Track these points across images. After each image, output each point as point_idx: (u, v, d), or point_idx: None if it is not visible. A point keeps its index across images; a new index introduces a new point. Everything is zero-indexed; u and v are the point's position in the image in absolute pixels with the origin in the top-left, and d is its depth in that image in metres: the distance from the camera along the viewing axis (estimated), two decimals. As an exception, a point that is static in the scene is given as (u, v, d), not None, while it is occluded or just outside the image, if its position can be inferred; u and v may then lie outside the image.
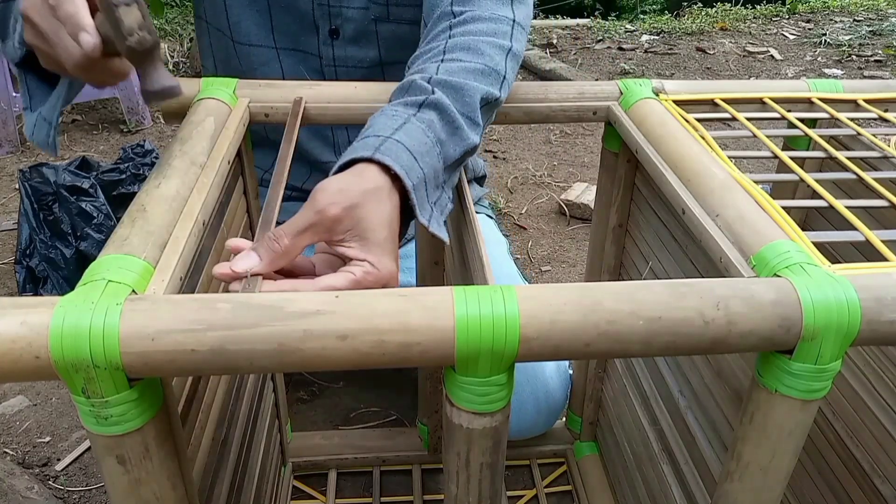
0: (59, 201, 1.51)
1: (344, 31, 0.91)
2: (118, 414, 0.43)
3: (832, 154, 0.68)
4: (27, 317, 0.40)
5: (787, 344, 0.46)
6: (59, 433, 1.21)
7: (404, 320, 0.42)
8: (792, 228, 0.53)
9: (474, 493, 0.54)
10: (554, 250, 1.79)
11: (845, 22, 3.93)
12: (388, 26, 0.91)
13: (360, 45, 0.92)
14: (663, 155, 0.66)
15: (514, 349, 0.44)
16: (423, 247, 0.90)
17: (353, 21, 0.90)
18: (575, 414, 1.09)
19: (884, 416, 0.70)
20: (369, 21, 0.90)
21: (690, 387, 0.74)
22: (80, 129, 2.48)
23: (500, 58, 0.69)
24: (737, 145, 2.09)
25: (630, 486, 0.94)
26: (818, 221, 0.87)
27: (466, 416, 0.48)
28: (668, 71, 3.24)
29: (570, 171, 2.21)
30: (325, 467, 1.09)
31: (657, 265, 0.80)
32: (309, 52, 0.93)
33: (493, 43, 0.70)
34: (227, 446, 0.70)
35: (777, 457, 0.52)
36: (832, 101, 0.78)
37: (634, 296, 0.45)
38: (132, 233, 0.49)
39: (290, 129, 0.69)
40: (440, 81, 0.64)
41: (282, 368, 0.43)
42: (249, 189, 0.80)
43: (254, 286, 0.49)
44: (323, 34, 0.92)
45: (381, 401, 1.29)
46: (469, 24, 0.71)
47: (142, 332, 0.40)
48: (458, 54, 0.68)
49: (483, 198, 1.11)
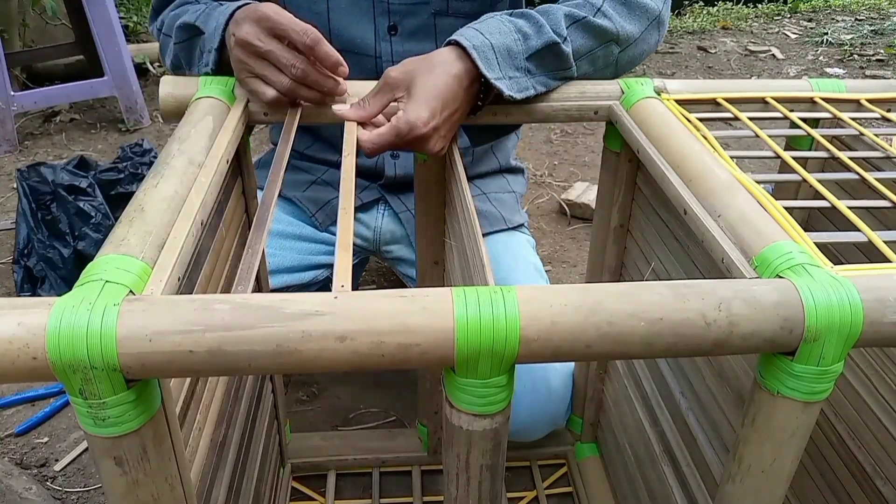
0: (57, 201, 1.50)
1: (403, 26, 0.92)
2: (116, 415, 0.42)
3: (835, 154, 0.68)
4: (24, 317, 0.40)
5: (789, 345, 0.46)
6: (57, 434, 1.20)
7: (403, 321, 0.42)
8: (794, 229, 0.53)
9: (474, 495, 0.53)
10: (554, 250, 1.78)
11: (847, 21, 3.93)
12: (447, 20, 0.92)
13: (417, 39, 0.93)
14: (665, 155, 0.65)
15: (514, 350, 0.43)
16: (424, 247, 0.90)
17: (414, 16, 0.92)
18: (576, 415, 1.08)
19: (886, 418, 0.70)
20: (429, 16, 0.92)
21: (692, 388, 0.74)
22: (79, 129, 2.48)
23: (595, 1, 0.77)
24: (739, 145, 2.08)
25: (631, 488, 0.93)
26: (820, 222, 0.87)
27: (466, 417, 0.48)
28: (669, 70, 3.23)
29: (571, 171, 2.21)
30: (324, 468, 1.08)
31: (658, 266, 0.80)
32: (364, 54, 0.94)
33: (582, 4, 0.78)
34: (225, 447, 0.69)
35: (779, 459, 0.51)
36: (835, 101, 0.78)
37: (636, 297, 0.44)
38: (130, 233, 0.48)
39: (288, 128, 0.69)
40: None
41: (280, 370, 0.42)
42: (248, 189, 0.80)
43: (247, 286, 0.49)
44: (381, 31, 0.93)
45: (380, 402, 1.29)
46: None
47: (139, 333, 0.40)
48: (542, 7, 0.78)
49: (525, 225, 1.13)
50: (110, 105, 2.60)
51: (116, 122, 2.48)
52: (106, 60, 2.32)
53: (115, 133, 2.44)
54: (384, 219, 1.07)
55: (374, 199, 1.06)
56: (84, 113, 2.60)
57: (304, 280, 1.03)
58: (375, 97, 0.70)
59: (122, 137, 2.40)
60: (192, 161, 0.59)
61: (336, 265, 0.48)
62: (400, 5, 0.91)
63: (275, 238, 1.01)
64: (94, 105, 2.64)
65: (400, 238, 1.08)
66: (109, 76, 2.34)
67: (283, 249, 1.01)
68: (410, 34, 0.93)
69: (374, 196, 1.06)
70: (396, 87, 0.69)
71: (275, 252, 1.00)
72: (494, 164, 1.12)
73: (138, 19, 3.25)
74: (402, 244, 1.09)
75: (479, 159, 1.10)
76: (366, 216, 1.07)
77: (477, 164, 1.10)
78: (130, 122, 2.44)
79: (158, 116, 2.50)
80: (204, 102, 0.69)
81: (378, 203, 1.07)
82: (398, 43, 0.93)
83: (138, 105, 2.44)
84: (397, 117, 0.67)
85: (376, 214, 1.07)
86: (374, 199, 1.06)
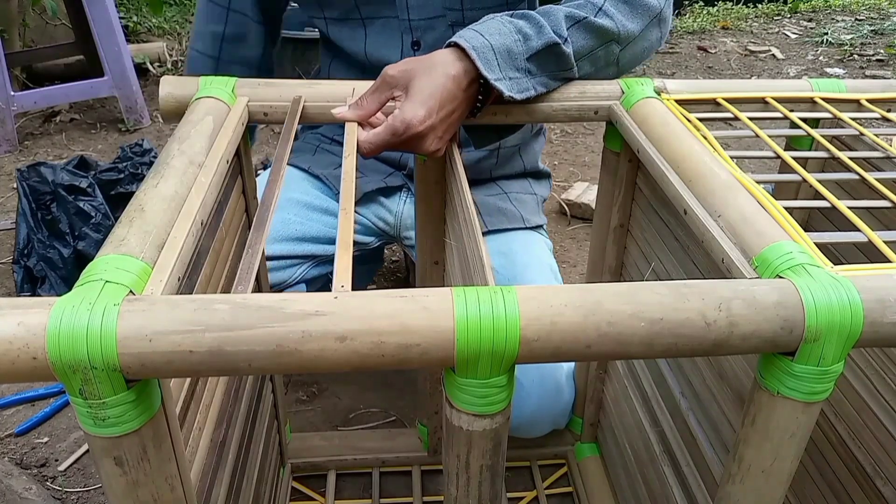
0: (57, 201, 1.50)
1: (424, 41, 0.95)
2: (116, 415, 0.42)
3: (835, 154, 0.68)
4: (24, 317, 0.40)
5: (789, 346, 0.46)
6: (57, 434, 1.20)
7: (403, 321, 0.42)
8: (794, 229, 0.53)
9: (474, 495, 0.53)
10: (555, 250, 1.78)
11: (847, 21, 3.93)
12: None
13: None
14: (665, 155, 0.65)
15: (514, 350, 0.43)
16: (424, 247, 0.90)
17: (433, 30, 0.94)
18: (576, 415, 1.08)
19: (886, 418, 0.70)
20: (446, 28, 0.93)
21: (692, 388, 0.74)
22: (79, 129, 2.48)
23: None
24: (739, 145, 2.08)
25: (631, 488, 0.93)
26: (820, 222, 0.87)
27: (466, 417, 0.48)
28: (669, 70, 3.23)
29: (571, 171, 2.21)
30: (324, 468, 1.08)
31: (658, 266, 0.80)
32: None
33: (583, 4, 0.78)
34: (225, 447, 0.69)
35: (779, 459, 0.51)
36: (835, 101, 0.78)
37: (636, 297, 0.44)
38: (130, 233, 0.48)
39: (288, 128, 0.69)
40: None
41: (280, 370, 0.42)
42: (248, 188, 0.80)
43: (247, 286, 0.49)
44: (406, 47, 0.95)
45: (380, 401, 1.29)
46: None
47: (139, 333, 0.40)
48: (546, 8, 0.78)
49: (543, 227, 1.13)
50: (110, 105, 2.60)
51: (116, 122, 2.48)
52: (106, 60, 2.32)
53: (115, 133, 2.44)
54: (406, 205, 1.08)
55: (399, 186, 1.07)
56: (84, 113, 2.60)
57: (328, 252, 1.04)
58: (373, 95, 0.71)
59: (122, 137, 2.40)
60: (192, 161, 0.59)
61: (336, 265, 0.48)
62: (420, 21, 0.93)
63: (301, 208, 1.03)
64: (94, 105, 2.64)
65: None
66: (109, 76, 2.34)
67: (310, 220, 1.03)
68: (432, 47, 0.93)
69: (399, 182, 1.07)
70: (394, 85, 0.70)
71: (301, 220, 1.02)
72: (520, 167, 1.13)
73: (138, 19, 3.25)
74: None
75: (505, 161, 1.10)
76: (389, 201, 1.08)
77: (502, 165, 1.10)
78: (130, 122, 2.44)
79: (158, 116, 2.50)
80: (204, 102, 0.69)
81: (402, 189, 1.08)
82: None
83: (138, 105, 2.44)
84: (393, 116, 0.67)
85: (399, 200, 1.08)
86: (398, 185, 1.07)
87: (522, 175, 1.15)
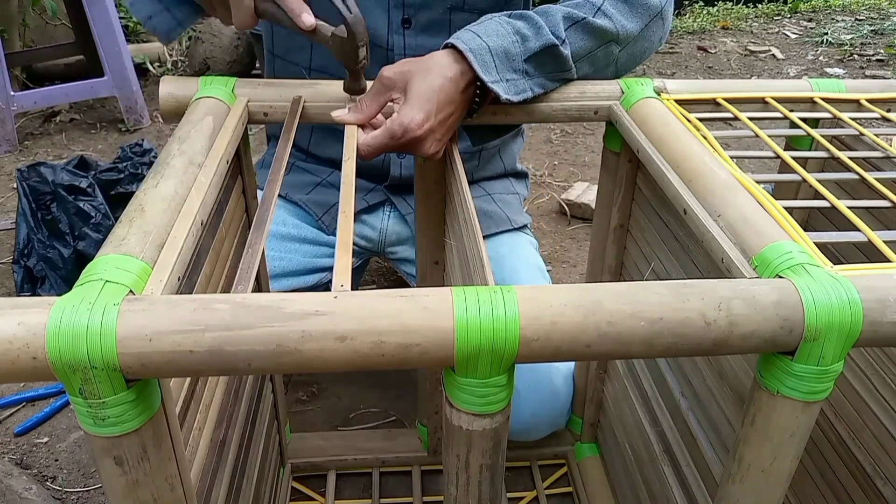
0: (57, 201, 1.50)
1: (417, 20, 0.92)
2: (116, 415, 0.42)
3: (834, 154, 0.68)
4: (24, 317, 0.40)
5: (788, 345, 0.46)
6: (57, 434, 1.20)
7: (403, 321, 0.42)
8: (794, 229, 0.53)
9: (474, 495, 0.53)
10: (554, 250, 1.78)
11: (847, 21, 3.93)
12: (462, 15, 0.92)
13: (431, 34, 0.92)
14: (665, 155, 0.65)
15: (514, 350, 0.43)
16: (424, 247, 0.90)
17: (429, 10, 0.91)
18: (576, 415, 1.08)
19: (886, 418, 0.70)
20: (444, 10, 0.91)
21: (692, 388, 0.74)
22: (79, 129, 2.48)
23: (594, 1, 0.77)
24: (739, 145, 2.08)
25: (631, 488, 0.93)
26: (820, 222, 0.87)
27: (466, 417, 0.48)
28: (669, 70, 3.23)
29: (571, 171, 2.21)
30: (324, 468, 1.08)
31: (658, 265, 0.80)
32: (376, 45, 0.92)
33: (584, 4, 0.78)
34: (225, 447, 0.69)
35: (779, 458, 0.51)
36: (835, 101, 0.78)
37: (635, 297, 0.44)
38: (130, 232, 0.48)
39: (288, 128, 0.69)
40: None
41: (280, 370, 0.42)
42: (248, 188, 0.80)
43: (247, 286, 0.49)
44: (395, 23, 0.92)
45: (380, 402, 1.29)
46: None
47: (139, 333, 0.40)
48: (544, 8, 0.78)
49: (528, 226, 1.13)
50: (110, 105, 2.60)
51: (116, 122, 2.48)
52: (106, 60, 2.32)
53: (115, 133, 2.44)
54: (390, 220, 1.07)
55: (380, 202, 1.06)
56: (84, 113, 2.60)
57: (308, 283, 1.03)
58: (372, 98, 0.71)
59: (122, 137, 2.40)
60: (192, 161, 0.59)
61: (336, 265, 0.48)
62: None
63: (279, 241, 1.01)
64: (94, 105, 2.64)
65: (405, 239, 1.08)
66: (109, 76, 2.34)
67: (288, 252, 1.01)
68: (424, 28, 0.92)
69: (380, 198, 1.06)
70: (392, 87, 0.70)
71: (279, 255, 1.00)
72: (500, 168, 1.13)
73: (138, 19, 3.25)
74: (408, 245, 1.09)
75: (486, 163, 1.10)
76: (371, 218, 1.07)
77: (483, 167, 1.10)
78: (130, 122, 2.44)
79: (158, 116, 2.49)
80: (204, 102, 0.69)
81: (384, 205, 1.07)
82: (411, 36, 0.93)
83: (138, 105, 2.44)
84: (392, 119, 0.67)
85: (382, 216, 1.07)
86: (379, 202, 1.06)
87: (503, 175, 1.15)
